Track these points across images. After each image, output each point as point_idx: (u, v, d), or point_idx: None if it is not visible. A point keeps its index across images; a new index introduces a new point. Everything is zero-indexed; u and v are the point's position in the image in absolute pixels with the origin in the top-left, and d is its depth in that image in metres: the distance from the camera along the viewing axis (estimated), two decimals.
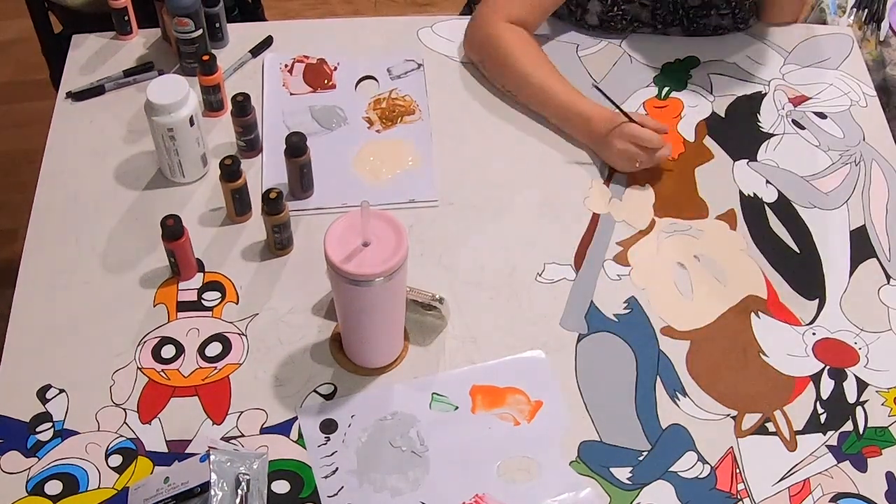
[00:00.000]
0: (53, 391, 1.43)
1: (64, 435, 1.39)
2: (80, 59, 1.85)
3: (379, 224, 1.30)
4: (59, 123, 1.76)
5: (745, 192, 1.71)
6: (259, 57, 1.87)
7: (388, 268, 1.27)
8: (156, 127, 1.58)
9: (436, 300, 1.48)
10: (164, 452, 1.38)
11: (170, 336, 1.50)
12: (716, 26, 1.93)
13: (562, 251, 1.61)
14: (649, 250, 1.63)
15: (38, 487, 1.34)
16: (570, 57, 1.90)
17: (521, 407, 1.44)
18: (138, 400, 1.43)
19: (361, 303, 1.33)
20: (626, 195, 1.70)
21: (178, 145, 1.60)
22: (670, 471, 1.39)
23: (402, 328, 1.46)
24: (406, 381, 1.46)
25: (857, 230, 1.67)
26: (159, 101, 1.55)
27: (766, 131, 1.81)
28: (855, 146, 1.79)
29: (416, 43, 1.92)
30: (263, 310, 1.53)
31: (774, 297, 1.58)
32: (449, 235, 1.63)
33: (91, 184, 1.67)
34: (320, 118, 1.78)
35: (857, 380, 1.50)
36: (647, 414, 1.44)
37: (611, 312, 1.55)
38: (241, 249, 1.59)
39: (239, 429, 1.40)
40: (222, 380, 1.45)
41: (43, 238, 1.59)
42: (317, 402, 1.43)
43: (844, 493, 1.39)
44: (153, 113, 1.56)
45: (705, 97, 1.85)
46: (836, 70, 1.92)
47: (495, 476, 1.38)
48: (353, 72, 1.86)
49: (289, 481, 1.36)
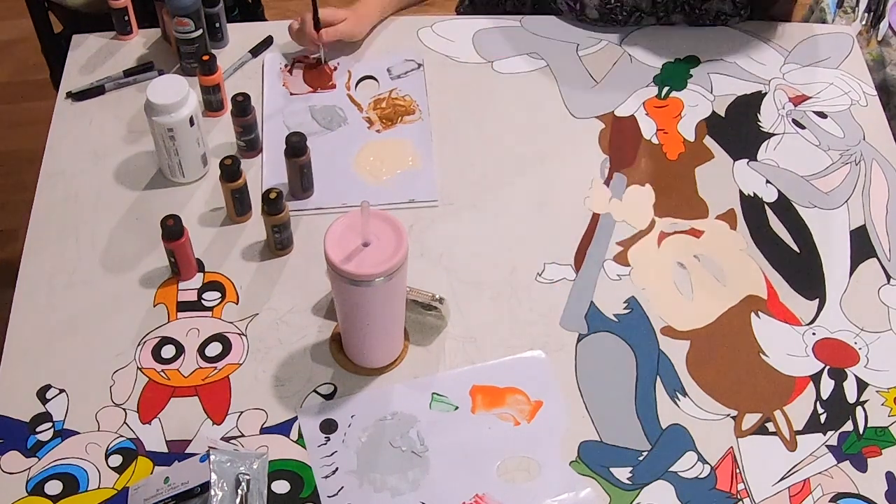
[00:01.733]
0: (53, 391, 1.43)
1: (64, 435, 1.39)
2: (80, 59, 1.85)
3: (379, 224, 1.30)
4: (60, 123, 1.76)
5: (746, 192, 1.71)
6: (259, 57, 1.87)
7: (388, 268, 1.27)
8: (156, 127, 1.58)
9: (436, 300, 1.48)
10: (165, 452, 1.38)
11: (170, 336, 1.50)
12: (717, 11, 1.93)
13: (562, 251, 1.61)
14: (649, 250, 1.63)
15: (38, 487, 1.34)
16: (570, 56, 1.90)
17: (521, 407, 1.44)
18: (138, 400, 1.43)
19: (361, 303, 1.33)
20: (627, 195, 1.69)
21: (179, 145, 1.59)
22: (670, 471, 1.39)
23: (402, 328, 1.46)
24: (406, 381, 1.46)
25: (857, 230, 1.67)
26: (159, 101, 1.55)
27: (767, 131, 1.81)
28: (855, 146, 1.79)
29: (417, 42, 1.92)
30: (263, 310, 1.53)
31: (774, 296, 1.58)
32: (449, 235, 1.63)
33: (91, 184, 1.67)
34: (320, 118, 1.78)
35: (858, 380, 1.49)
36: (646, 414, 1.44)
37: (611, 312, 1.55)
38: (242, 249, 1.59)
39: (239, 429, 1.40)
40: (222, 380, 1.45)
41: (43, 238, 1.60)
42: (317, 403, 1.43)
43: (844, 493, 1.39)
44: (153, 113, 1.56)
45: (705, 97, 1.85)
46: (836, 69, 1.92)
47: (495, 476, 1.38)
48: (354, 72, 1.87)
49: (289, 481, 1.36)
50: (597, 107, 1.83)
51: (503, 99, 1.83)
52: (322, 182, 1.67)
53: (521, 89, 1.85)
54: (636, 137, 1.78)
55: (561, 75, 1.87)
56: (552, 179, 1.72)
